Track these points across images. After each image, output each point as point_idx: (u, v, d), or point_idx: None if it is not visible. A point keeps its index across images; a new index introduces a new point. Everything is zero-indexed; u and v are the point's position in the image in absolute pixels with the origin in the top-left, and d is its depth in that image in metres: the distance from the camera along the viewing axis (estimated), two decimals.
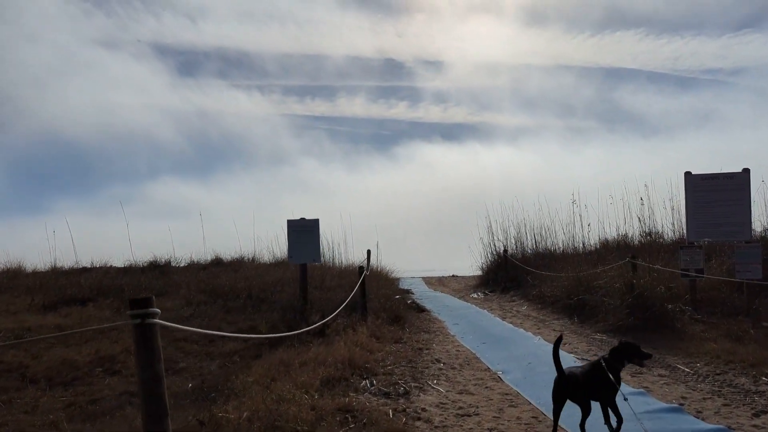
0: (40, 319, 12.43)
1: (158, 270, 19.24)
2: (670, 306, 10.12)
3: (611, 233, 17.64)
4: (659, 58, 54.33)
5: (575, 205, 17.56)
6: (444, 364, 8.32)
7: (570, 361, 7.73)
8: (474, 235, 20.95)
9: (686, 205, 11.13)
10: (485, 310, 13.50)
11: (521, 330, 10.72)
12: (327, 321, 9.90)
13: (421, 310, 13.39)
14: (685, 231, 12.23)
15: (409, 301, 13.56)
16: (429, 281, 26.98)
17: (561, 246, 19.01)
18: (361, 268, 10.97)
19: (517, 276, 17.55)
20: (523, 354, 8.72)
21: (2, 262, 18.83)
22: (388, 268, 20.97)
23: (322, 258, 15.56)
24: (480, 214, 20.98)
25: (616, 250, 16.68)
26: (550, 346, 5.40)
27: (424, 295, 17.92)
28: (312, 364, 7.36)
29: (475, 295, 17.27)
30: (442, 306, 14.56)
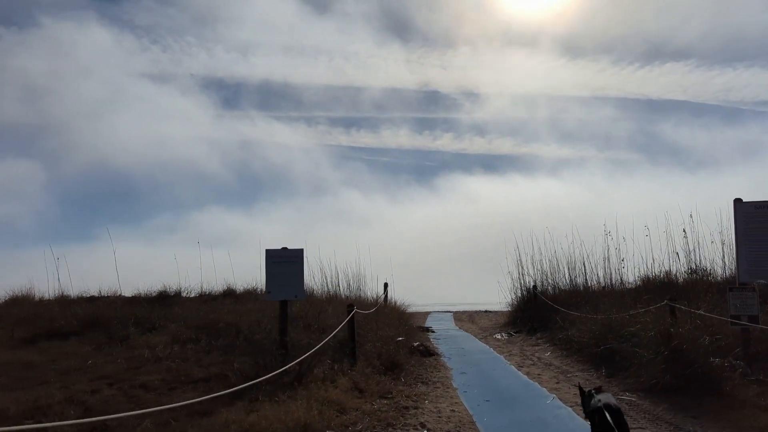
0: (10, 355, 11.30)
1: (166, 301, 18.17)
2: (716, 361, 8.25)
3: (655, 269, 15.66)
4: (709, 90, 51.62)
5: (609, 238, 15.67)
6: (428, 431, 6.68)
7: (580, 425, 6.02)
8: (504, 269, 19.13)
9: (736, 239, 9.25)
10: (503, 356, 11.74)
11: (536, 384, 8.96)
12: (299, 368, 8.42)
13: (429, 353, 11.72)
14: (735, 269, 10.30)
15: (416, 344, 11.91)
16: (459, 317, 25.16)
17: (595, 283, 17.09)
18: (350, 306, 9.44)
19: (546, 315, 15.68)
20: (530, 419, 7.01)
21: (12, 289, 18.15)
22: (405, 303, 19.38)
23: (308, 293, 14.19)
24: (510, 246, 19.18)
25: (657, 288, 14.70)
26: (566, 409, 3.85)
27: (443, 335, 16.21)
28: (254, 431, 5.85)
29: (499, 336, 15.47)
30: (457, 349, 12.85)
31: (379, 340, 10.71)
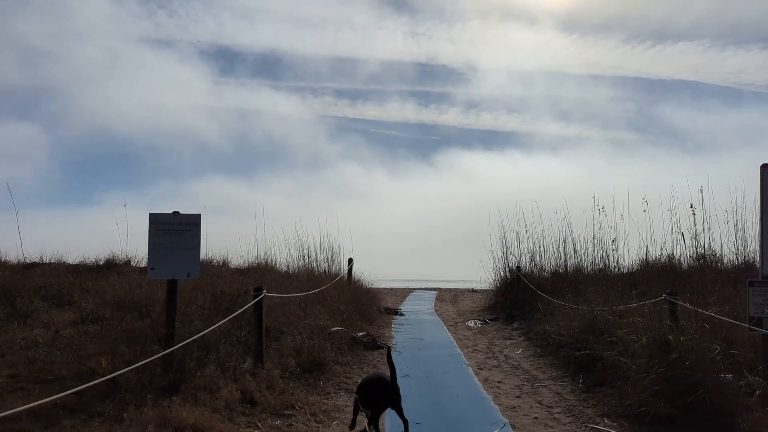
0: None
1: (112, 270, 16.15)
2: (727, 378, 6.05)
3: (655, 252, 13.40)
4: (722, 72, 48.73)
5: (603, 214, 13.44)
6: None
7: None
8: (488, 246, 16.83)
9: (762, 217, 6.91)
10: (464, 353, 9.55)
11: (489, 399, 6.76)
12: (173, 373, 6.30)
13: (375, 346, 9.56)
14: (756, 256, 8.05)
15: (361, 334, 9.74)
16: (442, 297, 23.00)
17: (587, 266, 14.84)
18: (258, 289, 7.23)
19: (528, 301, 13.48)
20: None
21: None
22: (373, 280, 17.28)
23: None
24: (494, 222, 16.86)
25: (656, 274, 12.48)
26: None
27: (411, 320, 14.05)
28: None
29: (471, 324, 13.28)
30: (414, 341, 10.67)
31: (308, 330, 8.54)
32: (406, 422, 5.24)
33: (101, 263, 17.19)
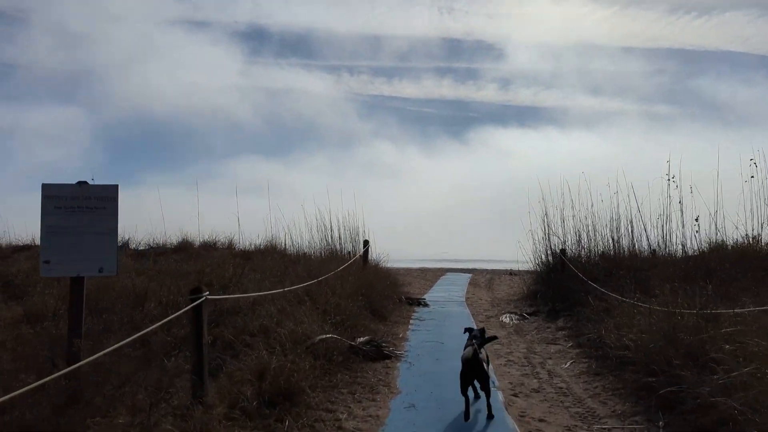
0: None
1: None
2: None
3: (732, 234, 10.79)
4: None
5: (673, 184, 10.90)
6: None
7: None
8: (527, 225, 14.29)
9: None
10: (492, 367, 7.20)
11: None
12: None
13: (380, 356, 7.31)
14: None
15: (361, 339, 7.49)
16: (476, 281, 20.61)
17: (647, 249, 12.26)
18: (195, 290, 5.02)
19: (574, 292, 11.04)
20: None
21: None
22: (392, 263, 15.12)
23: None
24: (534, 198, 14.30)
25: (736, 261, 9.90)
26: None
27: (435, 314, 11.74)
28: None
29: (507, 319, 10.90)
30: (433, 346, 8.36)
31: (285, 340, 6.33)
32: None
33: None
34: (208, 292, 5.05)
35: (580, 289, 10.79)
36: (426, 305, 12.72)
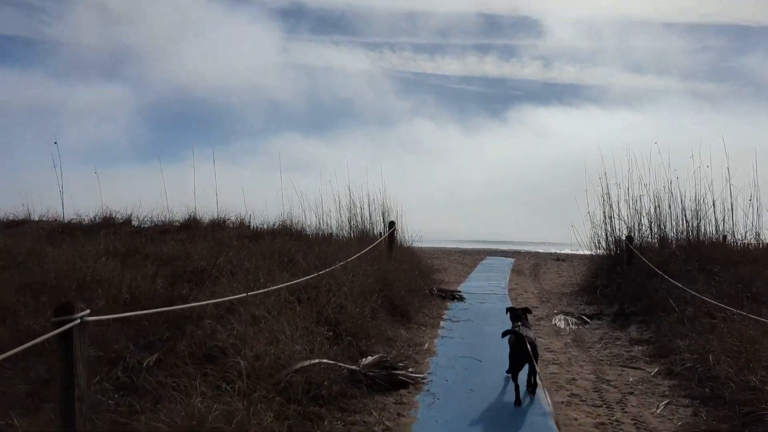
0: None
1: (109, 229, 12.86)
2: None
3: None
4: None
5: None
6: None
7: None
8: (583, 207, 11.87)
9: None
10: (550, 405, 4.99)
11: None
12: None
13: (395, 384, 5.20)
14: None
15: (368, 360, 5.36)
16: (520, 267, 18.25)
17: (742, 237, 9.83)
18: (65, 308, 3.00)
19: (647, 289, 8.71)
20: None
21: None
22: (422, 246, 13.09)
23: None
24: (594, 176, 11.85)
25: None
26: None
27: (471, 311, 9.53)
28: None
29: (562, 322, 8.60)
30: (467, 365, 6.16)
31: (252, 373, 4.26)
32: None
33: (98, 220, 13.82)
34: (87, 311, 2.98)
35: (656, 287, 8.47)
36: (461, 299, 10.53)
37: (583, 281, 11.75)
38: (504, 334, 5.38)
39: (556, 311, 9.52)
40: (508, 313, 5.97)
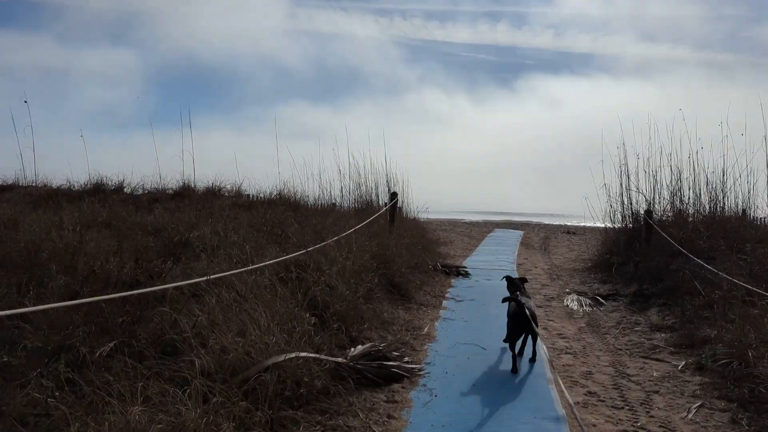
0: None
1: (93, 197, 12.20)
2: None
3: None
4: None
5: None
6: None
7: None
8: (598, 178, 11.06)
9: None
10: (563, 411, 4.33)
11: None
12: None
13: (389, 378, 4.56)
14: None
15: (358, 350, 4.71)
16: (528, 241, 17.55)
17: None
18: None
19: (668, 268, 7.99)
20: None
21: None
22: (429, 217, 12.50)
23: None
24: (611, 145, 11.00)
25: None
26: None
27: (476, 289, 8.88)
28: None
29: (575, 303, 7.90)
30: (471, 353, 5.52)
31: (213, 371, 3.61)
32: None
33: (89, 187, 13.23)
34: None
35: (678, 267, 7.75)
36: (467, 275, 9.86)
37: (597, 257, 11.04)
38: (504, 301, 5.28)
39: (568, 290, 8.83)
40: (505, 281, 5.85)
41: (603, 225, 11.76)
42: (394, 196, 10.32)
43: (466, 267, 10.36)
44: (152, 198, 12.09)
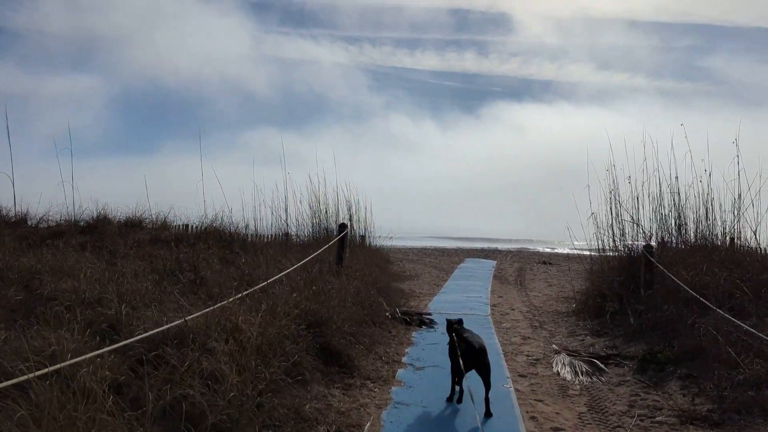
0: None
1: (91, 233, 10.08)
2: None
3: None
4: None
5: None
6: None
7: None
8: (582, 205, 9.32)
9: None
10: None
11: None
12: None
13: None
14: None
15: None
16: (502, 273, 15.74)
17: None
18: None
19: (680, 321, 6.23)
20: None
21: None
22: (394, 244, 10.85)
23: None
24: (599, 167, 9.27)
25: None
26: None
27: (439, 349, 6.99)
28: None
29: (567, 371, 6.02)
30: None
31: None
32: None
33: (84, 224, 10.62)
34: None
35: (695, 321, 5.99)
36: (431, 324, 7.97)
37: (585, 299, 9.24)
38: (448, 324, 4.98)
39: (555, 346, 6.99)
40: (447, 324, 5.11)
41: (578, 253, 10.07)
42: (343, 228, 8.39)
43: (430, 313, 8.47)
44: (56, 232, 9.94)
